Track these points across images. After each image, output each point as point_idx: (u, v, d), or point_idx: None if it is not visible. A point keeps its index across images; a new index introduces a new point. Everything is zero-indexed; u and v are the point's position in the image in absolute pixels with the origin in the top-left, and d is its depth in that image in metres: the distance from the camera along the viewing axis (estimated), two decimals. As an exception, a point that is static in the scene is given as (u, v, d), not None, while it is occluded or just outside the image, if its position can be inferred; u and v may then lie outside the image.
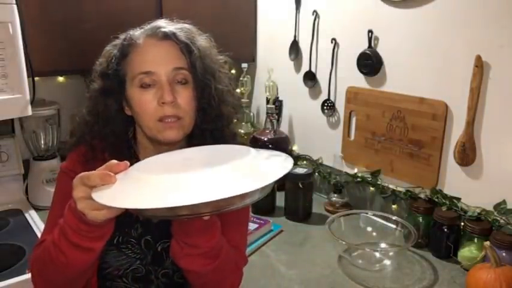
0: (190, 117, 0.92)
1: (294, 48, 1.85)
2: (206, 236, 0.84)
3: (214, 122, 0.96)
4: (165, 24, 0.93)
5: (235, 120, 1.04)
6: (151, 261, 0.96)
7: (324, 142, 1.81)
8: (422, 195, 1.47)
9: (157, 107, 0.89)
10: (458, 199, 1.38)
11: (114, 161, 0.77)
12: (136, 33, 0.93)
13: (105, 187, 0.73)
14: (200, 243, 0.84)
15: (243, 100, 1.99)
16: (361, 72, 1.59)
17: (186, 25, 0.95)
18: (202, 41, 0.95)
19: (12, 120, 1.70)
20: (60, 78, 1.74)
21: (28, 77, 1.33)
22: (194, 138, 0.96)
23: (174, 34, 0.90)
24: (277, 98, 1.95)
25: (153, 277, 0.97)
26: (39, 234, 1.43)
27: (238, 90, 1.99)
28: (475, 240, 1.29)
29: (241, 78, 2.01)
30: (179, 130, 0.91)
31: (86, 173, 0.75)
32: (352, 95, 1.65)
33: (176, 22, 0.95)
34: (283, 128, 1.97)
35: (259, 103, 2.10)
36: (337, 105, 1.73)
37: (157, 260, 0.97)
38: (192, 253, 0.85)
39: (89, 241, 0.79)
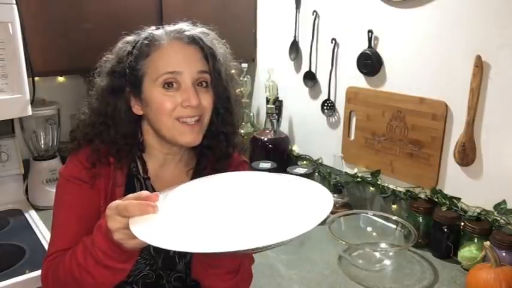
0: (208, 119, 0.92)
1: (294, 48, 1.85)
2: (231, 256, 0.85)
3: (231, 125, 0.98)
4: (189, 28, 0.92)
5: None
6: (161, 266, 0.96)
7: (324, 142, 1.81)
8: (422, 195, 1.47)
9: (179, 108, 0.87)
10: (458, 199, 1.38)
11: (144, 193, 0.76)
12: (159, 33, 0.91)
13: (143, 217, 0.72)
14: (225, 263, 0.86)
15: (243, 100, 1.99)
16: (361, 72, 1.59)
17: (206, 30, 0.94)
18: (221, 46, 0.95)
19: (12, 120, 1.70)
20: (60, 78, 1.74)
21: (28, 77, 1.33)
22: (205, 139, 0.95)
23: (200, 39, 0.90)
24: (277, 98, 1.95)
25: (164, 282, 0.96)
26: (39, 234, 1.44)
27: (238, 90, 1.99)
28: (475, 240, 1.29)
29: (241, 78, 2.01)
30: (199, 134, 0.90)
31: (123, 203, 0.73)
32: (352, 95, 1.65)
33: (199, 26, 0.94)
34: (283, 128, 1.97)
35: (259, 103, 2.10)
36: (337, 105, 1.73)
37: (169, 264, 0.96)
38: (216, 272, 0.87)
39: (122, 262, 0.78)
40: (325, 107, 1.76)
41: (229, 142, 0.99)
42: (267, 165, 1.77)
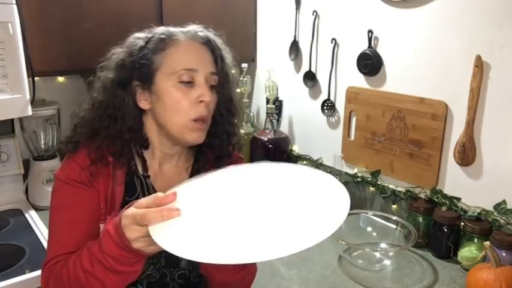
0: (210, 119, 0.95)
1: (294, 48, 1.85)
2: None
3: (234, 125, 1.01)
4: (202, 29, 0.95)
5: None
6: (165, 265, 0.96)
7: (324, 142, 1.81)
8: (422, 195, 1.47)
9: (192, 104, 0.89)
10: (458, 199, 1.38)
11: (161, 194, 0.77)
12: (175, 30, 0.93)
13: (163, 224, 0.71)
14: None
15: (243, 100, 1.99)
16: (361, 72, 1.59)
17: (214, 35, 0.97)
18: (228, 51, 0.98)
19: (12, 120, 1.70)
20: (60, 78, 1.74)
21: (28, 77, 1.33)
22: (207, 138, 0.96)
23: (214, 41, 0.94)
24: (277, 98, 1.95)
25: (168, 279, 0.97)
26: (39, 234, 1.44)
27: (238, 90, 1.99)
28: (475, 240, 1.29)
29: (241, 78, 2.01)
30: (204, 133, 0.93)
31: (139, 212, 0.72)
32: (352, 95, 1.65)
33: (210, 30, 0.97)
34: (283, 128, 1.97)
35: (259, 103, 2.10)
36: (337, 105, 1.73)
37: (172, 262, 0.97)
38: (226, 268, 0.88)
39: (132, 265, 0.78)
40: (325, 107, 1.76)
41: (230, 141, 1.02)
42: (267, 165, 1.77)
